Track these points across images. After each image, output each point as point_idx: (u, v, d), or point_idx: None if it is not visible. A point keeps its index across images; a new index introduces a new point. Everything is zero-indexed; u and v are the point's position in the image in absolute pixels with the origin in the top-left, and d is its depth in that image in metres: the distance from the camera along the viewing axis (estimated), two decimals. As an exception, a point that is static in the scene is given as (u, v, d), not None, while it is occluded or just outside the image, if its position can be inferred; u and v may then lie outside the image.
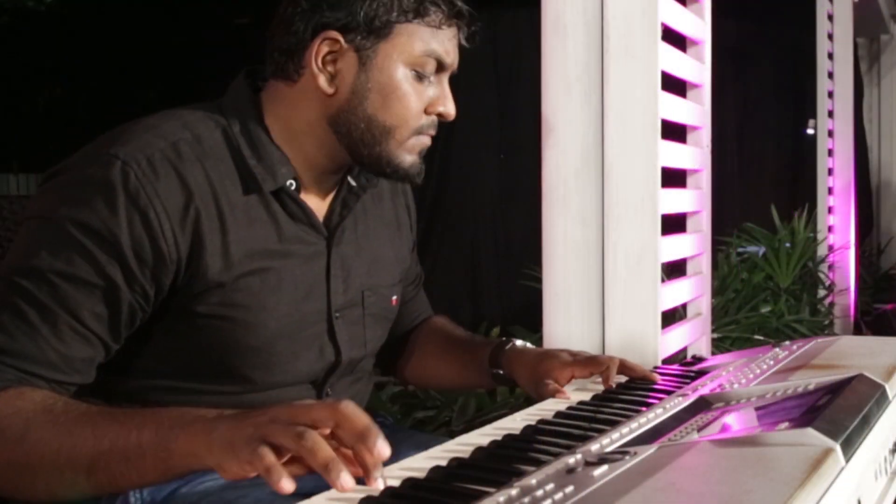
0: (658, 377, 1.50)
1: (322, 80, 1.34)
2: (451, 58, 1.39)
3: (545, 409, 1.38)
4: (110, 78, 7.69)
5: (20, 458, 1.09)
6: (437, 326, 1.74)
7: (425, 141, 1.40)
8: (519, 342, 1.62)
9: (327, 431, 0.96)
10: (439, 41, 1.36)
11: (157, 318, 1.29)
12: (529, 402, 1.49)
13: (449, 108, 1.40)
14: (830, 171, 4.55)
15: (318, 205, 1.42)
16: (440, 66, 1.38)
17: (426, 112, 1.38)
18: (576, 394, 1.46)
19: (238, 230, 1.31)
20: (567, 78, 1.81)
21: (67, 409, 1.12)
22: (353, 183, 1.46)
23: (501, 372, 1.60)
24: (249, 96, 1.38)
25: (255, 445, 0.94)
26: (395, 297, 1.57)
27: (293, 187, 1.37)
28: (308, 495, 0.98)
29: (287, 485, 0.92)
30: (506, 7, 6.71)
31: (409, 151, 1.38)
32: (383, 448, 0.94)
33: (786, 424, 1.03)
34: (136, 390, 1.32)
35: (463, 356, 1.66)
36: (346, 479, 0.92)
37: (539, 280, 1.89)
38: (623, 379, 1.53)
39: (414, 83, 1.36)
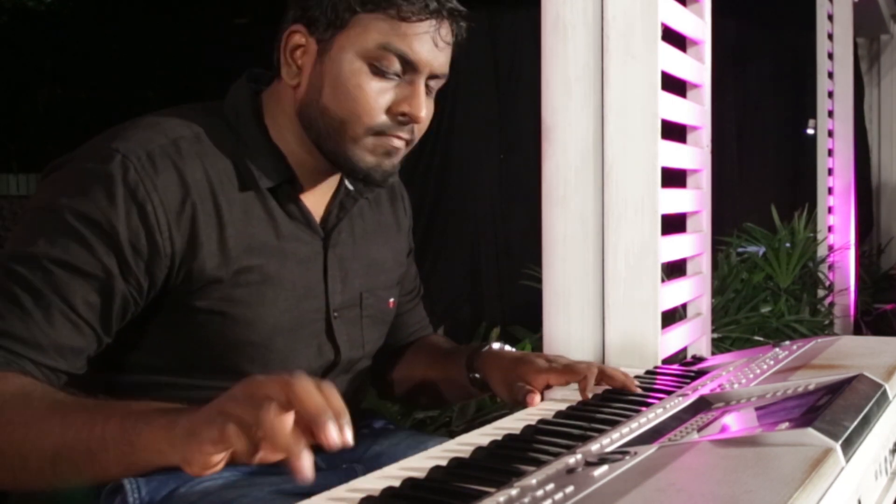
0: (637, 387, 1.44)
1: (286, 73, 1.35)
2: (420, 56, 1.31)
3: (545, 409, 1.38)
4: (110, 78, 7.69)
5: None
6: (428, 342, 1.71)
7: (390, 142, 1.34)
8: (496, 345, 1.58)
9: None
10: (402, 36, 1.30)
11: (156, 312, 1.29)
12: (529, 402, 1.49)
13: (413, 109, 1.32)
14: (830, 171, 4.55)
15: (315, 206, 1.42)
16: (407, 64, 1.32)
17: (390, 112, 1.33)
18: (575, 394, 1.46)
19: (236, 226, 1.31)
20: (567, 78, 1.81)
21: (44, 395, 1.11)
22: (350, 187, 1.46)
23: (478, 376, 1.56)
24: (248, 96, 1.39)
25: (218, 424, 0.90)
26: (392, 300, 1.56)
27: (290, 185, 1.37)
28: (307, 495, 0.98)
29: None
30: (506, 7, 6.70)
31: (369, 151, 1.34)
32: (333, 435, 0.87)
33: (786, 424, 1.03)
34: (134, 386, 1.31)
35: (446, 365, 1.62)
36: (308, 468, 0.87)
37: (539, 280, 1.89)
38: (601, 389, 1.46)
39: (370, 78, 1.31)
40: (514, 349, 1.59)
